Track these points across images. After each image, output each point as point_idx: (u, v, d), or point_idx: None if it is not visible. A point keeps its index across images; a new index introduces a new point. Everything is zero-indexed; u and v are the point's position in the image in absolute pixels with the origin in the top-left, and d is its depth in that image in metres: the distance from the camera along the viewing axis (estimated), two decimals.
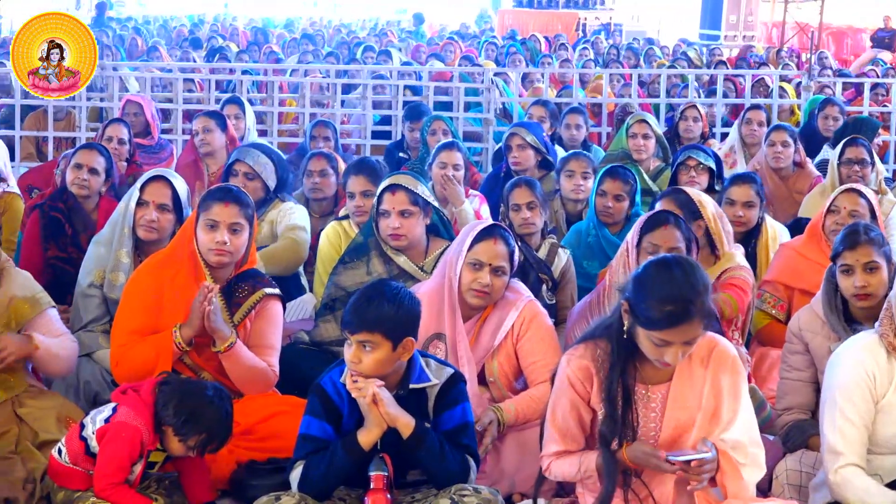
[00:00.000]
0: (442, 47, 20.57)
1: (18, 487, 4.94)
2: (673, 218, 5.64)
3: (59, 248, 6.89)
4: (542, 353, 5.28)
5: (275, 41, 23.24)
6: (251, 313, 5.54)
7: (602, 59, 19.50)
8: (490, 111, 12.16)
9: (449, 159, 7.74)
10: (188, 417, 4.64)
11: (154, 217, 6.10)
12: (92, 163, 7.05)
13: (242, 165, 7.32)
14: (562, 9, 30.08)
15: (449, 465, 4.49)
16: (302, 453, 4.53)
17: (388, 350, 4.39)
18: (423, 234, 6.14)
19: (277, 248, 7.08)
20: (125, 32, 23.81)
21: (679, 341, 4.19)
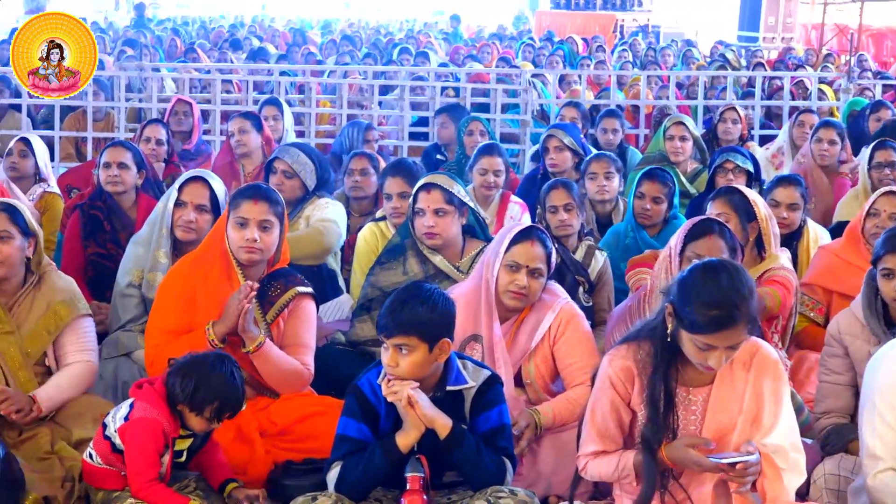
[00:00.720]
0: (479, 49, 20.56)
1: (57, 486, 4.96)
2: (718, 227, 5.54)
3: (99, 244, 6.92)
4: (579, 356, 5.28)
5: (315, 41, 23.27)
6: (284, 312, 5.54)
7: (640, 60, 19.45)
8: (527, 113, 12.15)
9: (490, 165, 7.71)
10: (196, 389, 4.63)
11: (192, 217, 6.14)
12: (119, 158, 7.08)
13: (281, 163, 7.33)
14: (599, 10, 30.01)
15: (485, 467, 4.48)
16: (339, 454, 4.53)
17: (425, 352, 4.39)
18: (458, 233, 6.14)
19: (301, 234, 7.08)
20: (164, 33, 23.90)
21: (723, 346, 4.17)
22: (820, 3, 27.05)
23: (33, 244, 5.48)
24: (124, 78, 12.35)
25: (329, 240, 7.16)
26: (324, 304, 6.81)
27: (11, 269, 5.40)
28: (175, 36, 22.42)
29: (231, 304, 5.26)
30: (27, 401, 5.24)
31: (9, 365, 5.37)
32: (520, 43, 21.60)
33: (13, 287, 5.47)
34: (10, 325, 5.39)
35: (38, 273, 5.53)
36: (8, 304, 5.44)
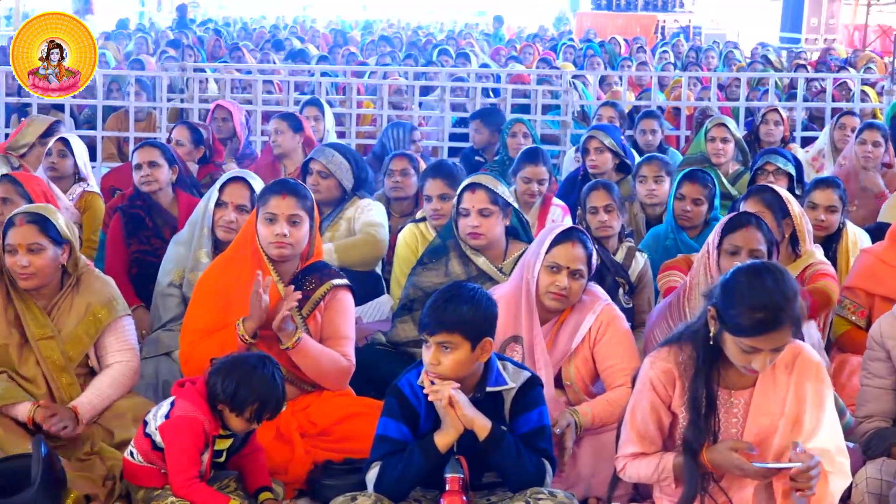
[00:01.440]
0: (521, 50, 20.55)
1: (98, 484, 5.01)
2: (755, 219, 5.59)
3: (142, 241, 6.96)
4: (619, 357, 5.27)
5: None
6: (320, 305, 5.55)
7: (681, 62, 19.40)
8: (568, 114, 12.14)
9: (534, 174, 7.65)
10: (237, 389, 4.66)
11: (233, 218, 6.17)
12: (149, 158, 7.11)
13: (316, 164, 7.34)
14: (640, 11, 29.93)
15: (525, 468, 4.48)
16: (378, 454, 4.54)
17: (468, 351, 4.39)
18: (502, 234, 6.13)
19: (357, 240, 7.06)
20: (205, 34, 24.00)
21: (768, 348, 4.15)
22: (863, 5, 26.95)
23: (68, 249, 5.49)
24: (166, 78, 12.40)
25: (383, 246, 7.16)
26: (364, 304, 6.82)
27: (44, 279, 5.42)
28: (217, 37, 22.50)
29: (253, 301, 5.27)
30: (69, 415, 5.26)
31: (51, 369, 5.40)
32: (560, 44, 21.57)
33: (51, 291, 5.49)
34: (50, 330, 5.42)
35: (75, 275, 5.55)
36: (47, 308, 5.47)
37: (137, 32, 24.22)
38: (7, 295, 5.43)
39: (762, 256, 5.48)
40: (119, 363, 5.53)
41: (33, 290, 5.42)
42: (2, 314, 5.40)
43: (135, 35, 22.71)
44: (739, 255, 5.46)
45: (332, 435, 5.29)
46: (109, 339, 5.54)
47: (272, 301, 5.30)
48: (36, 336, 5.39)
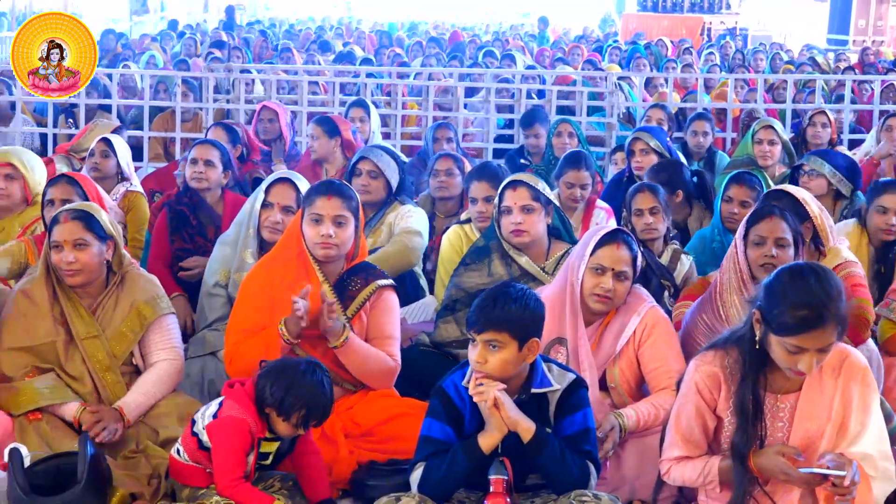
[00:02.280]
0: (568, 51, 20.52)
1: (144, 483, 5.03)
2: (778, 210, 5.62)
3: (185, 239, 7.00)
4: (664, 360, 5.24)
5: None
6: (365, 305, 5.56)
7: (727, 63, 19.31)
8: (613, 115, 12.11)
9: (577, 179, 7.62)
10: (285, 394, 4.66)
11: (278, 219, 6.19)
12: (206, 156, 7.17)
13: (367, 163, 7.34)
14: (687, 13, 29.82)
15: (569, 471, 4.46)
16: (422, 455, 4.54)
17: (514, 350, 4.38)
18: (544, 233, 6.13)
19: (388, 252, 7.00)
20: (251, 35, 24.09)
21: (813, 348, 4.12)
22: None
23: (112, 246, 5.54)
24: (212, 79, 12.46)
25: (416, 256, 7.12)
26: (408, 305, 6.82)
27: (90, 276, 5.47)
28: (263, 38, 22.58)
29: (293, 311, 5.27)
30: (115, 417, 5.30)
31: (96, 368, 5.44)
32: (606, 45, 21.53)
33: (96, 289, 5.54)
34: (95, 329, 5.46)
35: (119, 273, 5.60)
36: (91, 306, 5.52)
37: (183, 34, 24.34)
38: (53, 293, 5.48)
39: (788, 246, 5.52)
40: (163, 361, 5.56)
41: (79, 286, 5.47)
42: (48, 312, 5.45)
43: (182, 36, 22.82)
44: (765, 245, 5.49)
45: (377, 435, 5.30)
46: (154, 336, 5.58)
47: (315, 303, 5.31)
48: (81, 335, 5.43)
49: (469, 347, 4.47)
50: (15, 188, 7.06)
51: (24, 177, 7.06)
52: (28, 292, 5.49)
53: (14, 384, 5.34)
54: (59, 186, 6.53)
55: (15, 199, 7.07)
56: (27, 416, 5.25)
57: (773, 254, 5.50)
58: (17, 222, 7.02)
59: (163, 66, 16.55)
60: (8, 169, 7.07)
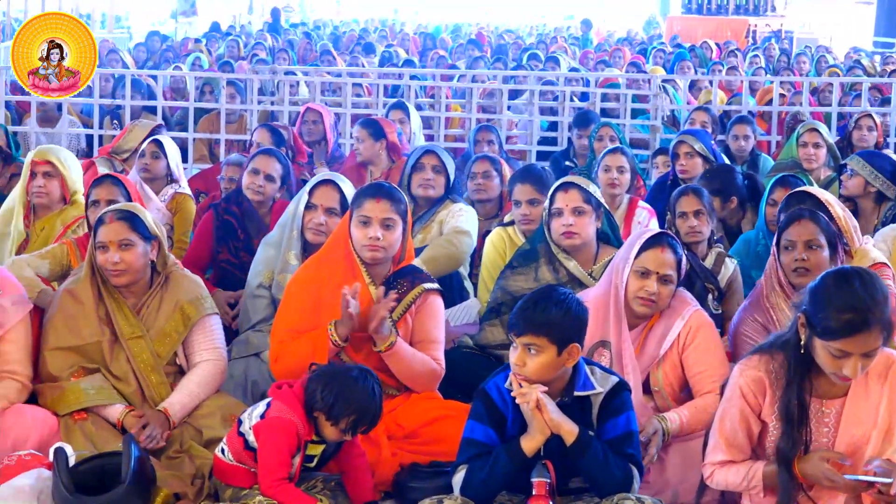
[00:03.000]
0: (610, 54, 20.48)
1: (187, 483, 5.05)
2: (809, 212, 5.62)
3: (231, 252, 7.01)
4: (709, 364, 5.22)
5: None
6: (411, 308, 5.56)
7: (772, 66, 19.22)
8: (657, 118, 12.08)
9: (613, 161, 7.69)
10: (336, 400, 4.67)
11: (322, 220, 6.19)
12: (269, 169, 7.14)
13: (432, 158, 7.35)
14: (731, 15, 29.68)
15: (612, 474, 4.45)
16: (465, 457, 4.54)
17: (553, 355, 4.38)
18: (594, 236, 6.11)
19: (436, 252, 6.99)
20: (296, 37, 24.17)
21: (858, 352, 4.10)
22: None
23: (156, 246, 5.57)
24: (257, 81, 12.50)
25: (464, 257, 7.12)
26: (451, 307, 6.82)
27: (135, 276, 5.50)
28: (307, 40, 22.65)
29: (343, 308, 5.28)
30: (160, 419, 5.33)
31: (140, 368, 5.47)
32: (650, 48, 21.47)
33: (140, 289, 5.57)
34: (139, 330, 5.49)
35: (164, 273, 5.63)
36: (136, 306, 5.54)
37: (227, 35, 24.45)
38: (98, 293, 5.51)
39: (820, 248, 5.52)
40: (206, 362, 5.58)
41: (124, 286, 5.50)
42: (93, 312, 5.48)
43: (226, 38, 22.91)
44: (795, 250, 5.51)
45: (419, 437, 5.30)
46: (197, 337, 5.60)
47: (363, 305, 5.32)
48: (126, 335, 5.46)
49: (510, 349, 4.47)
50: (54, 186, 7.11)
51: (63, 175, 7.11)
52: (73, 292, 5.52)
53: (60, 384, 5.38)
54: (103, 187, 6.56)
55: (53, 198, 7.12)
56: (73, 416, 5.29)
57: (803, 257, 5.48)
58: (58, 220, 7.06)
59: (208, 68, 16.62)
60: (47, 167, 7.12)
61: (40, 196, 7.10)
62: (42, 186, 7.09)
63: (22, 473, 4.86)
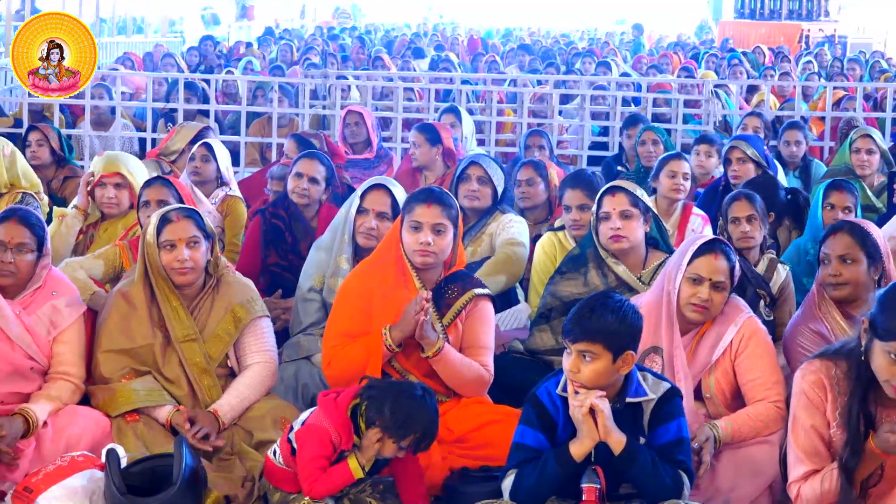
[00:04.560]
0: (660, 58, 20.42)
1: (238, 485, 5.07)
2: (848, 225, 5.59)
3: (280, 255, 7.04)
4: (761, 371, 5.18)
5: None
6: (461, 314, 5.56)
7: (825, 71, 19.09)
8: (709, 123, 12.02)
9: (679, 168, 7.65)
10: (408, 419, 4.66)
11: (373, 225, 6.19)
12: (312, 172, 7.16)
13: (477, 168, 7.33)
14: (784, 20, 29.50)
15: (662, 481, 4.44)
16: (515, 462, 4.54)
17: (608, 362, 4.37)
18: (642, 240, 6.08)
19: (496, 264, 6.99)
20: (346, 41, 24.25)
21: None
22: None
23: (211, 246, 5.61)
24: (309, 85, 12.54)
25: (522, 268, 7.10)
26: (501, 312, 6.81)
27: (199, 274, 5.55)
28: (360, 44, 22.71)
29: (408, 313, 5.28)
30: (210, 419, 5.36)
31: (193, 371, 5.50)
32: (703, 53, 21.38)
33: (193, 291, 5.60)
34: (193, 332, 5.52)
35: (215, 276, 5.65)
36: (188, 308, 5.57)
37: (280, 38, 24.55)
38: (151, 295, 5.54)
39: (857, 263, 5.44)
40: (257, 364, 5.60)
41: (187, 285, 5.53)
42: (146, 315, 5.51)
43: (279, 42, 23.01)
44: (829, 265, 5.47)
45: (469, 442, 5.29)
46: (248, 339, 5.63)
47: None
48: (179, 337, 5.49)
49: (564, 355, 4.46)
50: (124, 197, 7.12)
51: (132, 185, 7.12)
52: (126, 295, 5.56)
53: (111, 386, 5.42)
54: (154, 188, 6.59)
55: (123, 208, 7.13)
56: (125, 418, 5.32)
57: (835, 272, 5.44)
58: (120, 225, 7.10)
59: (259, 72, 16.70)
60: (118, 178, 7.13)
61: (110, 207, 7.13)
62: (112, 198, 7.11)
63: (74, 474, 4.90)
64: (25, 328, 5.38)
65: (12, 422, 5.10)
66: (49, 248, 5.57)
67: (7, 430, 5.03)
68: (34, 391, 5.36)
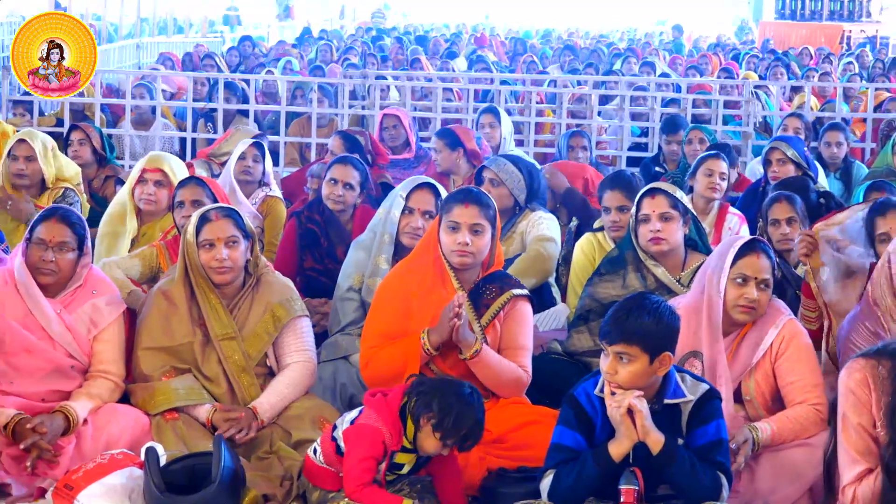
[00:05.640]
0: (700, 58, 20.35)
1: (276, 484, 5.09)
2: None
3: (315, 259, 7.05)
4: (801, 374, 5.15)
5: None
6: (500, 314, 5.55)
7: (867, 73, 18.99)
8: (749, 124, 11.97)
9: (716, 167, 7.63)
10: (456, 416, 4.66)
11: (419, 224, 6.20)
12: (347, 178, 7.14)
13: (489, 172, 7.33)
14: (825, 21, 29.36)
15: (700, 483, 4.43)
16: (553, 463, 4.54)
17: (645, 363, 4.37)
18: (682, 242, 6.07)
19: (526, 264, 6.98)
20: (384, 42, 24.27)
21: None
22: None
23: (251, 245, 5.63)
24: (349, 85, 12.57)
25: (553, 264, 7.11)
26: (539, 313, 6.80)
27: (238, 273, 5.59)
28: (399, 45, 22.73)
29: (444, 317, 5.28)
30: (248, 416, 5.39)
31: (232, 369, 5.52)
32: (743, 53, 21.29)
33: (233, 290, 5.63)
34: (232, 330, 5.55)
35: (255, 275, 5.68)
36: (228, 307, 5.60)
37: (320, 39, 24.60)
38: (191, 294, 5.57)
39: None
40: (296, 363, 5.62)
41: (226, 285, 5.55)
42: (186, 313, 5.54)
43: (318, 42, 23.06)
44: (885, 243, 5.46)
45: (507, 442, 5.28)
46: (287, 338, 5.65)
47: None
48: (218, 336, 5.51)
49: (601, 357, 4.46)
50: (163, 195, 7.13)
51: (172, 184, 7.14)
52: (167, 293, 5.59)
53: (151, 384, 5.45)
54: (188, 188, 6.61)
55: (161, 206, 7.15)
56: (164, 416, 5.36)
57: None
58: (157, 227, 7.13)
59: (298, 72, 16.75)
60: (159, 175, 7.16)
61: (149, 203, 7.15)
62: (152, 194, 7.13)
63: (114, 472, 4.93)
64: (66, 326, 5.43)
65: (53, 419, 5.14)
66: (89, 246, 5.61)
67: (48, 428, 5.08)
68: (74, 389, 5.40)
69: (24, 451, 5.04)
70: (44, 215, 5.53)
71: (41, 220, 5.49)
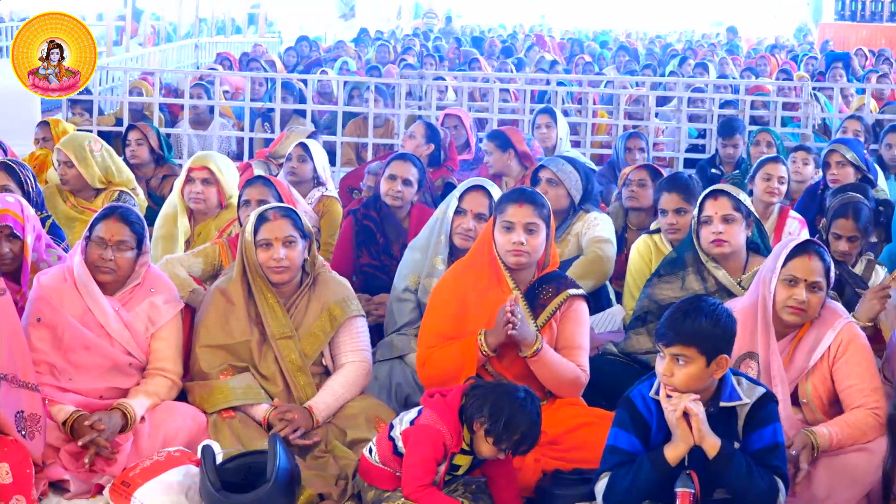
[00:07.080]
0: (758, 59, 20.24)
1: (331, 484, 5.11)
2: None
3: (372, 255, 7.06)
4: (860, 377, 5.10)
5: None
6: (556, 314, 5.54)
7: None
8: (808, 126, 11.90)
9: (775, 171, 7.59)
10: (507, 421, 4.65)
11: (471, 226, 6.20)
12: (405, 174, 7.17)
13: (546, 172, 7.33)
14: (886, 22, 29.09)
15: (756, 487, 4.41)
16: (608, 465, 4.53)
17: (702, 366, 4.35)
18: (744, 245, 6.03)
19: (584, 269, 6.94)
20: (440, 42, 24.30)
21: None
22: None
23: (308, 245, 5.65)
24: (405, 86, 12.59)
25: (611, 265, 7.09)
26: (595, 314, 6.79)
27: (294, 273, 5.61)
28: (456, 45, 22.75)
29: (500, 319, 5.27)
30: (304, 415, 5.41)
31: (289, 369, 5.55)
32: (802, 55, 21.15)
33: (290, 289, 5.66)
34: (289, 329, 5.58)
35: (312, 274, 5.70)
36: (285, 306, 5.62)
37: (376, 39, 24.66)
38: (249, 292, 5.60)
39: None
40: (352, 363, 5.64)
41: (283, 284, 5.58)
42: (244, 311, 5.58)
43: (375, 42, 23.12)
44: None
45: (562, 444, 5.27)
46: (343, 338, 5.67)
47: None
48: (275, 335, 5.54)
49: (657, 359, 4.44)
50: (212, 192, 7.19)
51: (220, 181, 7.20)
52: (225, 291, 5.63)
53: (209, 382, 5.49)
54: (255, 187, 6.65)
55: (211, 204, 7.21)
56: (221, 414, 5.39)
57: None
58: (213, 226, 7.17)
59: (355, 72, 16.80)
60: (205, 173, 7.21)
61: (198, 202, 7.20)
62: (200, 193, 7.18)
63: (171, 469, 4.98)
64: (124, 324, 5.47)
65: (111, 416, 5.19)
66: (148, 245, 5.65)
67: (106, 425, 5.12)
68: (132, 387, 5.44)
69: (82, 448, 5.08)
70: (103, 214, 5.57)
71: (100, 219, 5.53)
